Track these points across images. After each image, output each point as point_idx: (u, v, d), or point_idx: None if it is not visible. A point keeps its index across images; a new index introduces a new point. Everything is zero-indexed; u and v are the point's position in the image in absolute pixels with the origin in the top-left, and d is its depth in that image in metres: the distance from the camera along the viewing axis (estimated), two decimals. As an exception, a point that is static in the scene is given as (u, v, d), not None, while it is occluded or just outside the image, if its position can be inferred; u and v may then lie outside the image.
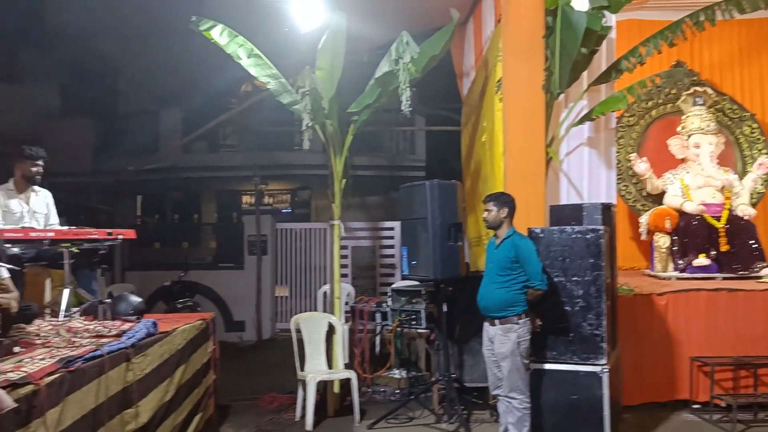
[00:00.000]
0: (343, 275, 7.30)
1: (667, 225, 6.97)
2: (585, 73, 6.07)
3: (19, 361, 2.96)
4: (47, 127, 14.67)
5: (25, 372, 2.65)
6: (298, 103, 6.10)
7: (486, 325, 4.72)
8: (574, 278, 4.69)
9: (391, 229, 10.96)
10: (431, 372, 6.44)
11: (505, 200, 4.75)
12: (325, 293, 8.56)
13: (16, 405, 2.41)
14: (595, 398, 4.59)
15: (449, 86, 9.61)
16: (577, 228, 4.75)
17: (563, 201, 5.97)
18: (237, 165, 13.98)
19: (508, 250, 4.62)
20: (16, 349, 3.25)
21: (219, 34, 6.17)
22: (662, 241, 7.01)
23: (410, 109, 5.72)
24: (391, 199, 13.25)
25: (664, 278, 6.78)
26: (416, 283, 6.22)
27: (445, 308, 5.70)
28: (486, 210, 4.76)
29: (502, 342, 4.56)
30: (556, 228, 4.86)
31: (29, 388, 2.57)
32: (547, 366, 4.75)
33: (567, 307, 4.70)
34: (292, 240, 11.37)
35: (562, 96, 5.96)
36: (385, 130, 13.86)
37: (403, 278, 6.59)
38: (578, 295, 4.68)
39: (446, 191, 5.54)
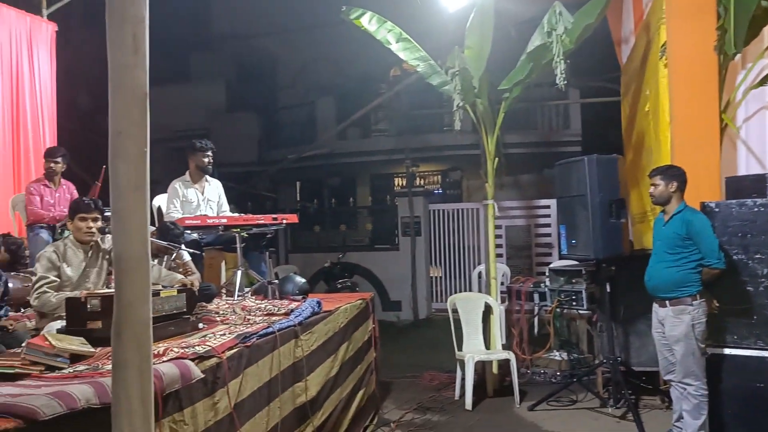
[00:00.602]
0: (498, 255, 7.20)
1: None
2: (766, 29, 5.43)
3: (203, 336, 3.24)
4: (216, 122, 15.97)
5: (210, 346, 2.89)
6: (447, 84, 6.08)
7: (655, 306, 4.44)
8: (757, 256, 4.26)
9: (547, 207, 10.63)
10: (594, 354, 6.19)
11: (673, 173, 4.40)
12: (480, 273, 8.53)
13: (203, 376, 2.65)
14: (784, 387, 4.16)
15: (606, 55, 9.04)
16: (759, 201, 4.30)
17: (741, 172, 5.42)
18: (389, 149, 14.27)
19: (678, 226, 4.29)
20: (201, 325, 3.56)
21: (368, 21, 6.29)
22: None
23: (565, 82, 5.48)
24: (546, 177, 12.82)
25: None
26: (575, 262, 5.99)
27: (608, 288, 5.43)
28: (652, 184, 4.44)
29: (674, 324, 4.26)
30: (734, 201, 4.42)
31: (213, 360, 2.80)
32: (727, 351, 4.36)
33: (749, 287, 4.28)
34: (444, 221, 11.41)
35: (738, 56, 5.39)
36: (537, 105, 13.41)
37: (561, 258, 6.38)
38: (763, 274, 4.24)
39: (606, 166, 5.27)
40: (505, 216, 10.50)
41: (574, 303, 5.98)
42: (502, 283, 7.59)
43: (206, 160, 5.68)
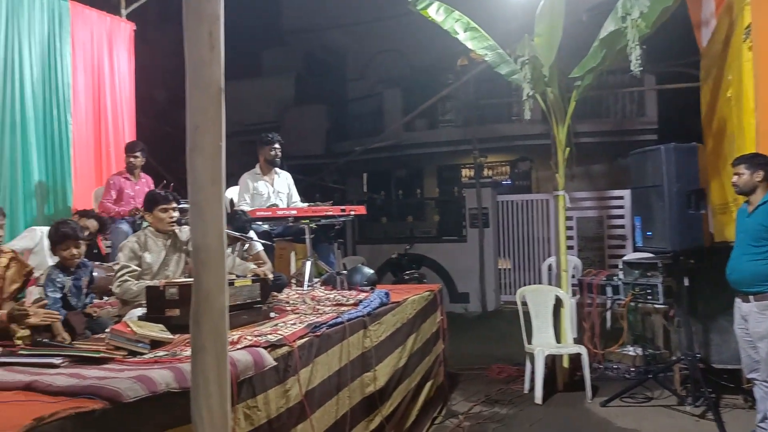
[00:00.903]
0: (569, 247, 7.03)
1: None
2: None
3: (275, 325, 3.32)
4: (285, 115, 16.29)
5: (281, 335, 2.96)
6: (517, 73, 5.97)
7: (738, 301, 4.24)
8: None
9: (620, 198, 10.30)
10: (671, 350, 5.98)
11: (759, 162, 4.19)
12: (550, 266, 8.37)
13: (275, 363, 2.72)
14: None
15: (684, 38, 8.63)
16: None
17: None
18: (456, 139, 14.16)
19: (764, 217, 4.08)
20: (272, 314, 3.65)
21: (435, 11, 6.24)
22: None
23: (640, 68, 5.27)
24: (619, 167, 12.42)
25: None
26: (651, 255, 5.79)
27: (686, 282, 5.22)
28: (736, 174, 4.24)
29: (759, 321, 4.06)
30: (824, 191, 4.16)
31: (285, 349, 2.87)
32: (817, 349, 4.12)
33: (841, 282, 4.03)
34: (513, 212, 11.24)
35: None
36: (610, 93, 12.98)
37: (636, 250, 6.18)
38: None
39: (684, 155, 5.07)
40: (576, 207, 10.24)
41: (649, 297, 5.78)
42: (573, 276, 7.41)
43: (273, 152, 5.81)
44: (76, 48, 6.53)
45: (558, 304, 5.98)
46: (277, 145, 5.85)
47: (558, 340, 5.94)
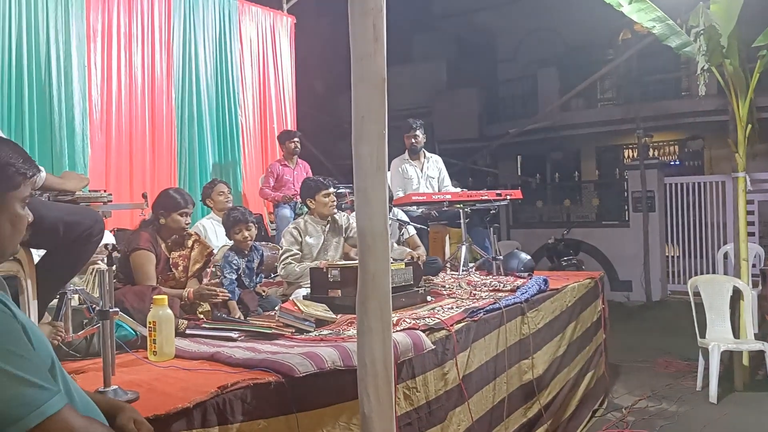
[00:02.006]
0: (750, 234, 6.37)
1: None
2: None
3: (432, 308, 3.36)
4: (437, 100, 16.34)
5: (439, 319, 2.99)
6: (689, 45, 5.49)
7: None
8: None
9: (813, 179, 9.17)
10: None
11: None
12: (725, 254, 7.69)
13: (433, 347, 2.75)
14: None
15: None
16: None
17: None
18: (617, 119, 13.40)
19: None
20: (429, 298, 3.69)
21: (598, -17, 5.90)
22: None
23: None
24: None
25: None
26: None
27: None
28: None
29: None
30: None
31: (442, 333, 2.89)
32: None
33: None
34: (682, 195, 10.40)
35: None
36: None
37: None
38: None
39: None
40: (758, 190, 9.25)
41: None
42: (754, 265, 6.72)
43: (411, 140, 5.90)
44: (243, 43, 7.03)
45: (736, 295, 5.46)
46: (417, 132, 5.92)
47: (736, 335, 5.44)
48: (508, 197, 5.29)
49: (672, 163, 14.28)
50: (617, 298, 10.05)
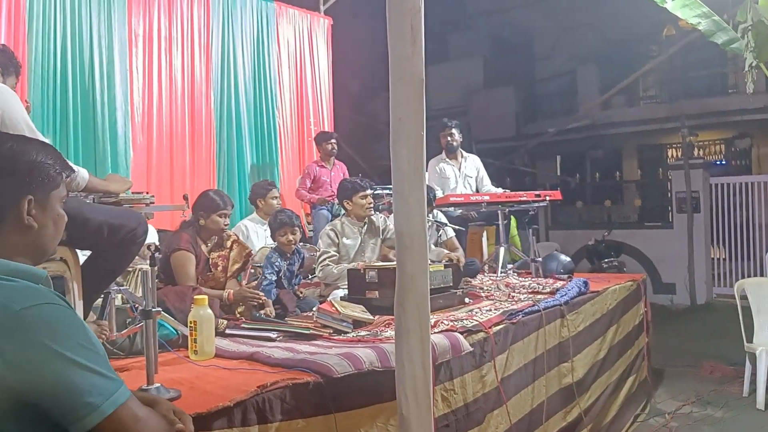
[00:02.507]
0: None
1: None
2: None
3: (470, 310, 3.33)
4: (474, 99, 16.22)
5: (477, 321, 2.96)
6: (736, 41, 5.33)
7: None
8: None
9: None
10: None
11: None
12: (774, 256, 7.46)
13: (471, 349, 2.73)
14: None
15: None
16: None
17: None
18: (660, 117, 13.10)
19: None
20: (467, 299, 3.67)
21: (639, -21, 5.78)
22: None
23: None
24: None
25: None
26: None
27: None
28: None
29: None
30: None
31: (481, 335, 2.87)
32: None
33: None
34: (729, 195, 10.10)
35: None
36: None
37: None
38: None
39: None
40: (809, 190, 8.96)
41: None
42: (804, 268, 6.52)
43: (447, 138, 5.85)
44: (280, 45, 7.10)
45: (785, 299, 5.29)
46: (452, 131, 5.87)
47: (785, 339, 5.26)
48: (548, 198, 5.22)
49: (718, 162, 13.91)
50: (660, 301, 9.80)
